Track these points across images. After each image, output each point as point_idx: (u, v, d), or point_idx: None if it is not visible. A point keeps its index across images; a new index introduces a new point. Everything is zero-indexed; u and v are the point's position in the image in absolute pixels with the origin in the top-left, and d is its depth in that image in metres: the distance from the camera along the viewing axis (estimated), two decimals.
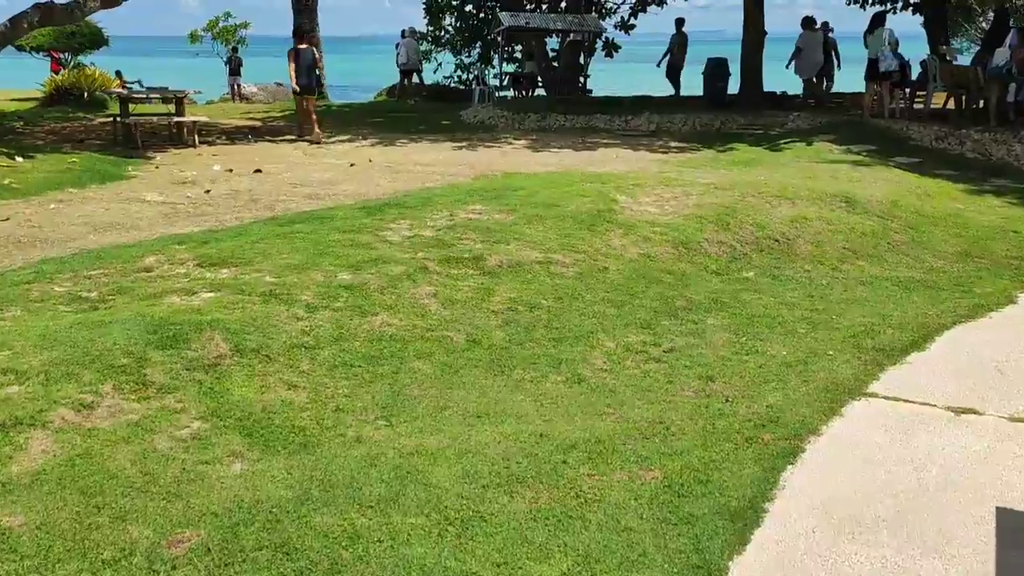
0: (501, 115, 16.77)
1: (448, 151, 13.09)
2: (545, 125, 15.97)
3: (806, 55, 16.44)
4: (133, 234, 7.41)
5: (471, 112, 17.91)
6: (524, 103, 18.00)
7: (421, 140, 14.41)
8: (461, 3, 26.75)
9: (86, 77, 18.58)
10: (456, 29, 27.12)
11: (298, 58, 14.22)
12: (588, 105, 17.77)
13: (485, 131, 15.89)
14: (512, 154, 12.76)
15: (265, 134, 15.43)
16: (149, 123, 13.24)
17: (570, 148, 13.39)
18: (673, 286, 6.13)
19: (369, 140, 14.39)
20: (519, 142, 14.11)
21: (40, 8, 10.79)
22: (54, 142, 13.55)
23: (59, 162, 10.35)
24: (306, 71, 14.26)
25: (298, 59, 14.21)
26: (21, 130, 15.23)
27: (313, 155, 12.57)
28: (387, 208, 7.82)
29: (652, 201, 8.49)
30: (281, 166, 11.41)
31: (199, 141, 13.73)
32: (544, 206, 7.84)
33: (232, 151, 12.98)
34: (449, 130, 16.14)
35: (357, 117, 18.16)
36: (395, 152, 12.96)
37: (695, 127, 15.25)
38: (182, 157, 12.19)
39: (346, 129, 16.18)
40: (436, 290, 5.54)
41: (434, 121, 17.44)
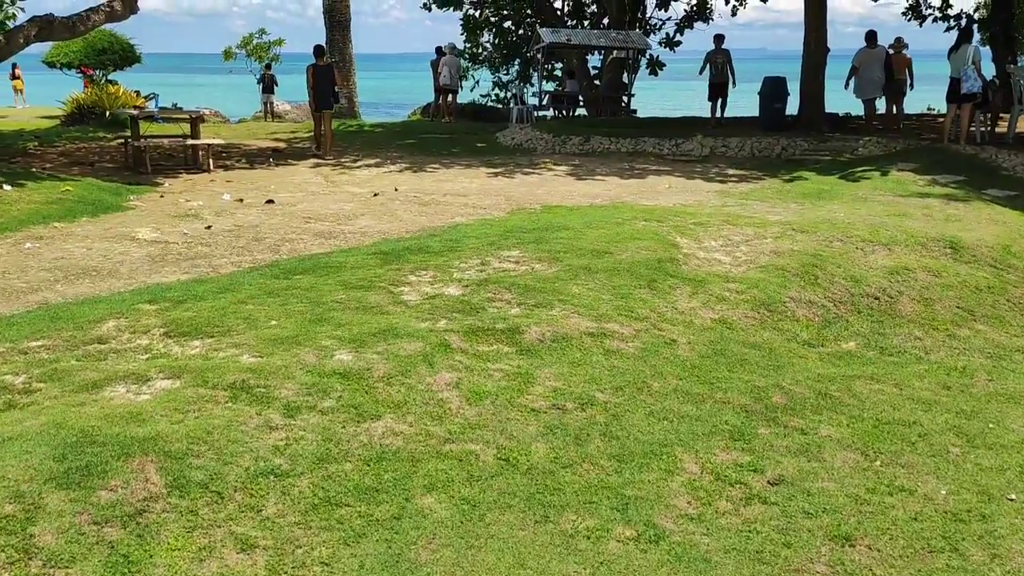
0: (540, 137, 15.49)
1: (483, 178, 11.84)
2: (588, 149, 14.65)
3: (864, 74, 14.95)
4: (108, 283, 6.23)
5: (508, 134, 16.67)
6: (565, 124, 16.71)
7: (453, 165, 13.17)
8: (499, 20, 25.67)
9: (108, 95, 17.68)
10: (494, 46, 26.03)
11: (316, 75, 14.22)
12: (634, 127, 16.43)
13: (523, 155, 14.62)
14: (552, 182, 11.46)
15: (288, 156, 14.32)
16: (161, 146, 12.17)
17: (616, 175, 12.06)
18: (763, 369, 4.76)
19: (397, 165, 13.19)
20: (560, 168, 12.81)
21: (38, 22, 9.79)
22: (63, 164, 12.56)
23: (52, 190, 9.27)
24: (324, 88, 14.21)
25: (316, 76, 14.21)
26: (34, 150, 14.30)
27: (334, 182, 11.39)
28: (407, 254, 6.56)
29: (720, 246, 7.13)
30: (297, 195, 10.24)
31: (216, 165, 12.64)
32: (593, 253, 6.52)
33: (248, 177, 11.85)
34: (485, 153, 14.90)
35: (388, 139, 17.00)
36: (424, 179, 11.73)
37: (753, 152, 13.83)
38: (192, 183, 11.08)
39: (375, 151, 15.02)
40: (459, 377, 4.24)
41: (469, 143, 16.21)
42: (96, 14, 10.38)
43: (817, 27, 15.07)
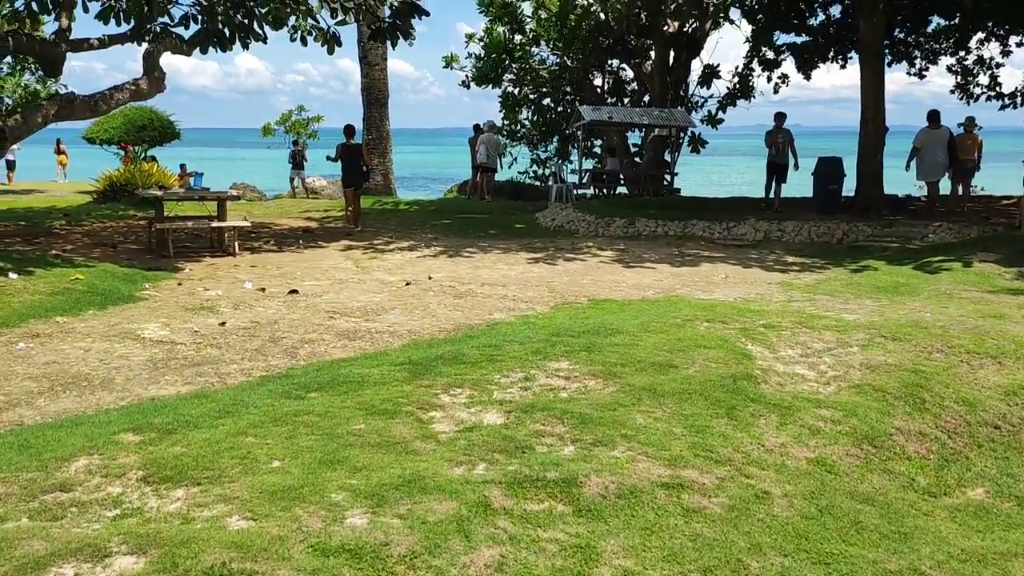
0: (582, 219, 14.71)
1: (522, 265, 11.01)
2: (634, 232, 13.82)
3: (927, 155, 14.08)
4: (98, 397, 5.40)
5: (548, 214, 15.93)
6: (608, 205, 15.94)
7: (491, 249, 12.39)
8: (538, 97, 25.29)
9: (141, 173, 17.33)
10: (533, 123, 25.60)
11: (345, 153, 14.68)
12: (681, 208, 15.60)
13: (565, 237, 13.83)
14: (598, 270, 10.60)
15: (319, 238, 13.66)
16: (185, 228, 11.57)
17: (666, 262, 11.17)
18: (886, 538, 3.74)
19: (432, 248, 12.44)
20: (605, 253, 11.97)
21: (58, 100, 9.31)
22: (86, 245, 12.00)
23: (61, 278, 8.59)
24: (352, 166, 14.69)
25: (345, 154, 14.67)
26: (59, 230, 13.81)
27: (365, 268, 10.63)
28: (439, 364, 5.66)
29: (799, 356, 6.15)
30: (324, 283, 9.47)
31: (243, 247, 12.00)
32: (655, 367, 5.58)
33: (275, 261, 11.15)
34: (524, 236, 14.14)
35: (423, 218, 16.35)
36: (460, 265, 10.94)
37: (811, 237, 12.89)
38: (214, 269, 10.39)
39: (409, 232, 14.34)
40: (503, 555, 3.29)
41: (507, 224, 15.49)
42: (120, 92, 9.90)
43: (875, 106, 14.27)
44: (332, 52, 11.97)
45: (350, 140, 14.97)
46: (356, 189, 14.91)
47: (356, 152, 14.87)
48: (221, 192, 11.73)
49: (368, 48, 21.12)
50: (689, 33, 22.83)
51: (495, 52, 23.60)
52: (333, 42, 11.84)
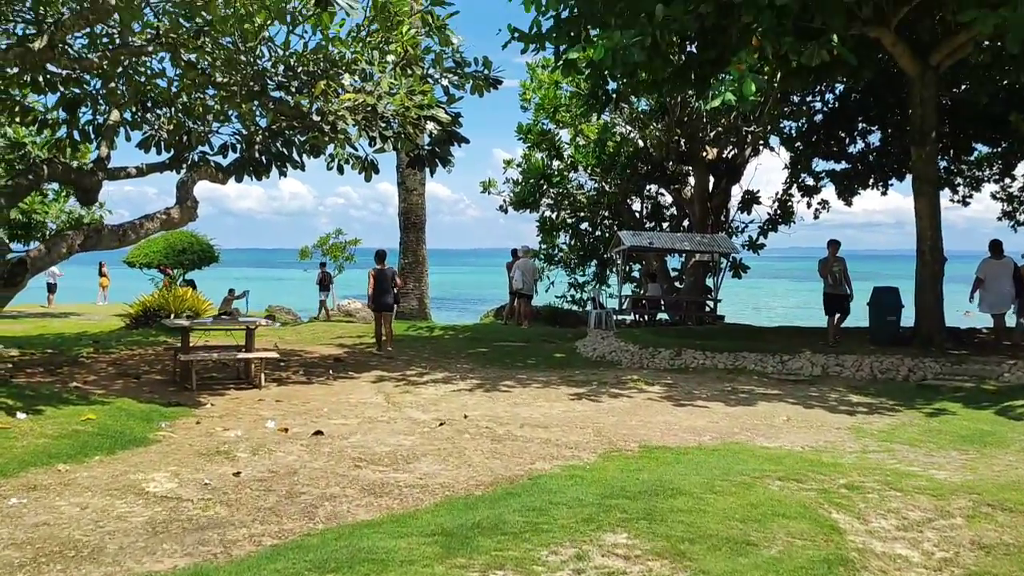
0: (625, 349, 13.98)
1: (564, 401, 10.25)
2: (681, 364, 13.03)
3: (991, 287, 13.31)
4: (83, 571, 4.67)
5: (589, 343, 15.23)
6: (652, 334, 15.22)
7: (530, 382, 11.66)
8: (576, 221, 25.09)
9: (175, 298, 17.06)
10: (570, 247, 25.31)
11: (377, 279, 15.03)
12: (729, 338, 14.84)
13: (608, 369, 13.08)
14: (647, 408, 9.78)
15: (350, 367, 13.05)
16: (210, 360, 11.04)
17: (719, 400, 10.33)
18: None
19: (468, 381, 11.75)
20: (652, 388, 11.17)
21: (85, 230, 9.00)
22: (108, 376, 11.49)
23: (72, 418, 7.99)
24: (383, 291, 15.01)
25: (377, 280, 15.02)
26: (86, 358, 13.38)
27: (396, 404, 9.93)
28: (476, 535, 4.87)
29: (896, 529, 5.26)
30: (351, 422, 8.77)
31: (270, 379, 11.43)
32: (729, 544, 4.73)
33: (302, 394, 10.51)
34: (564, 367, 13.42)
35: (458, 346, 15.74)
36: (498, 401, 10.20)
37: (874, 373, 11.99)
38: (238, 404, 9.76)
39: (444, 362, 13.70)
40: None
41: (546, 353, 14.80)
42: (151, 222, 9.61)
43: (932, 236, 13.61)
44: (369, 179, 11.71)
45: (381, 265, 15.26)
46: (387, 313, 15.16)
47: (389, 277, 15.18)
48: (249, 321, 11.24)
49: (406, 174, 21.13)
50: (729, 159, 22.65)
51: (533, 177, 23.58)
52: (370, 170, 11.60)
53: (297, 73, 10.65)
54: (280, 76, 10.61)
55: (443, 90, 11.57)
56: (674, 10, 11.71)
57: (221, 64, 10.95)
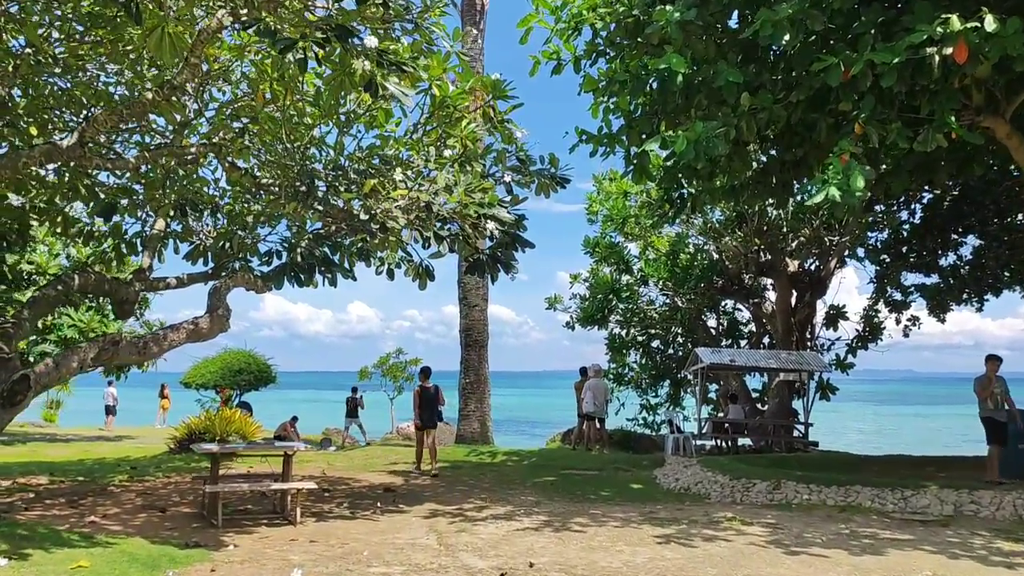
0: (713, 480, 12.16)
1: (650, 545, 8.49)
2: (781, 499, 11.14)
3: None
4: None
5: (671, 473, 13.42)
6: (741, 463, 13.35)
7: (607, 520, 9.93)
8: (647, 338, 23.54)
9: (221, 420, 15.89)
10: (641, 366, 23.67)
11: (421, 395, 14.93)
12: (831, 468, 12.90)
13: (694, 503, 11.26)
14: (753, 558, 7.97)
15: (401, 498, 11.51)
16: (239, 492, 9.68)
17: (840, 547, 8.45)
18: None
19: (533, 517, 10.07)
20: (752, 529, 9.33)
21: (100, 342, 7.95)
22: (133, 509, 10.22)
23: (61, 565, 6.64)
24: (428, 408, 14.83)
25: (421, 396, 14.91)
26: (116, 487, 12.17)
27: (449, 547, 8.32)
28: None
29: None
30: (394, 570, 7.20)
31: (309, 512, 9.99)
32: None
33: (342, 533, 8.99)
34: (644, 500, 11.64)
35: (523, 474, 14.07)
36: (569, 545, 8.50)
37: (1017, 512, 9.93)
38: (264, 545, 8.29)
39: (506, 493, 12.06)
40: None
41: (622, 484, 13.03)
42: (176, 332, 8.52)
43: None
44: (424, 287, 10.54)
45: (425, 383, 15.18)
46: (431, 430, 14.85)
47: (434, 395, 15.00)
48: (286, 445, 9.88)
49: (468, 289, 20.05)
50: (812, 271, 21.05)
51: (601, 292, 22.29)
52: (425, 276, 10.43)
53: (347, 171, 9.72)
54: (329, 174, 9.69)
55: (505, 189, 10.49)
56: (761, 99, 10.55)
57: (267, 164, 10.13)
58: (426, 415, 14.77)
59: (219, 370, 24.13)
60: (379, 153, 10.34)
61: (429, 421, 14.82)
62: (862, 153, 10.33)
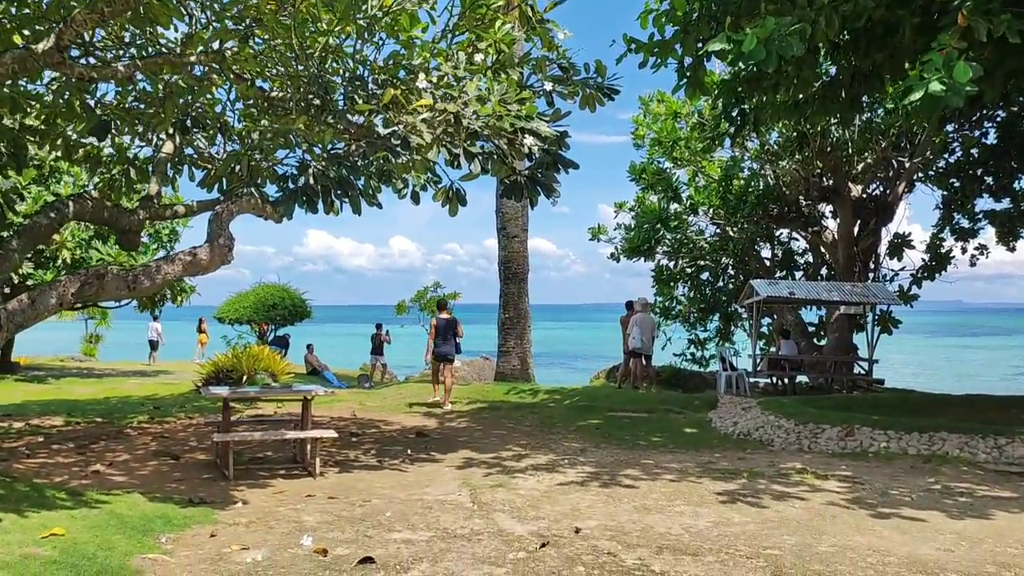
0: (776, 424, 10.98)
1: (712, 503, 7.38)
2: (855, 446, 9.93)
3: None
4: None
5: (727, 415, 12.26)
6: (804, 404, 12.11)
7: (661, 471, 8.83)
8: (696, 270, 22.14)
9: (248, 357, 15.05)
10: (689, 299, 22.34)
11: (436, 327, 14.75)
12: (908, 410, 11.62)
13: (757, 451, 10.12)
14: (835, 522, 6.81)
15: (434, 445, 10.55)
16: (250, 442, 8.74)
17: (935, 507, 7.25)
18: None
19: (579, 468, 9.01)
20: (828, 485, 8.16)
21: (82, 276, 6.94)
22: (143, 456, 9.39)
23: (32, 533, 5.72)
24: (443, 339, 14.66)
25: (436, 328, 14.74)
26: (134, 429, 11.41)
27: (484, 505, 7.30)
28: None
29: None
30: (420, 537, 6.19)
31: (332, 460, 9.07)
32: None
33: (364, 487, 8.03)
34: (700, 446, 10.52)
35: (566, 416, 13.03)
36: (620, 504, 7.42)
37: None
38: (278, 502, 7.35)
39: (548, 439, 11.03)
40: None
41: (674, 427, 11.92)
42: (171, 264, 7.46)
43: None
44: (455, 213, 9.32)
45: (443, 314, 15.06)
46: (448, 363, 14.78)
47: (450, 326, 14.79)
48: (305, 389, 8.87)
49: (506, 218, 18.82)
50: (878, 197, 19.37)
51: (647, 222, 20.87)
52: (456, 201, 9.20)
53: (365, 82, 8.46)
54: (347, 86, 8.44)
55: (546, 101, 9.14)
56: None
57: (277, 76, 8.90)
58: (441, 348, 14.64)
59: (253, 305, 23.39)
60: (403, 63, 9.05)
61: (445, 354, 14.68)
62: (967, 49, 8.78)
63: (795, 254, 22.17)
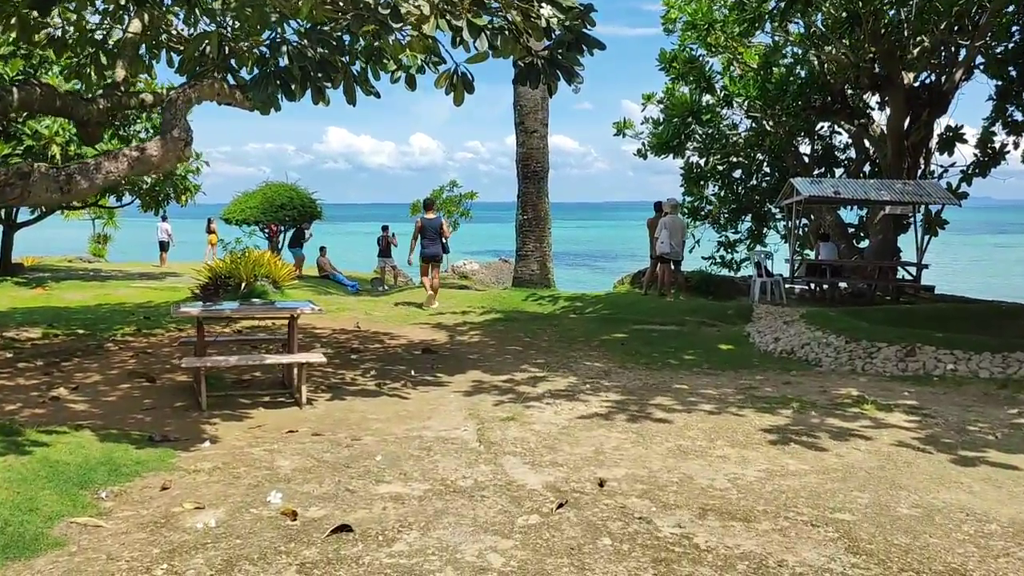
0: (823, 340, 9.75)
1: (761, 447, 6.21)
2: (917, 368, 8.71)
3: None
4: None
5: (767, 329, 11.03)
6: (853, 316, 10.83)
7: (697, 400, 7.66)
8: (727, 168, 20.54)
9: (247, 263, 13.92)
10: (720, 199, 20.82)
11: (423, 227, 14.34)
12: (972, 322, 10.33)
13: (801, 371, 8.93)
14: (911, 471, 5.63)
15: (442, 364, 9.46)
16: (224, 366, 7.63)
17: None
18: None
19: (602, 395, 7.87)
20: (893, 419, 6.97)
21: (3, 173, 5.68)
22: (115, 379, 8.37)
23: None
24: (430, 240, 14.34)
25: (423, 228, 14.33)
26: (115, 343, 10.39)
27: (492, 445, 6.18)
28: None
29: None
30: (413, 492, 5.10)
31: (323, 385, 8.00)
32: None
33: (356, 419, 6.96)
34: (739, 366, 9.35)
35: (588, 329, 11.87)
36: (652, 445, 6.28)
37: None
38: (252, 441, 6.29)
39: (568, 358, 9.88)
40: None
41: (708, 343, 10.74)
42: (114, 161, 6.16)
43: None
44: (460, 101, 7.90)
45: (429, 214, 14.69)
46: (435, 264, 14.56)
47: (435, 226, 14.45)
48: (290, 306, 7.70)
49: (525, 111, 17.24)
50: (932, 85, 17.49)
51: (678, 115, 19.16)
52: (462, 87, 7.76)
53: None
54: None
55: None
56: None
57: None
58: (429, 248, 14.35)
59: (259, 205, 22.17)
60: None
61: (429, 255, 14.38)
62: None
63: (836, 150, 20.46)
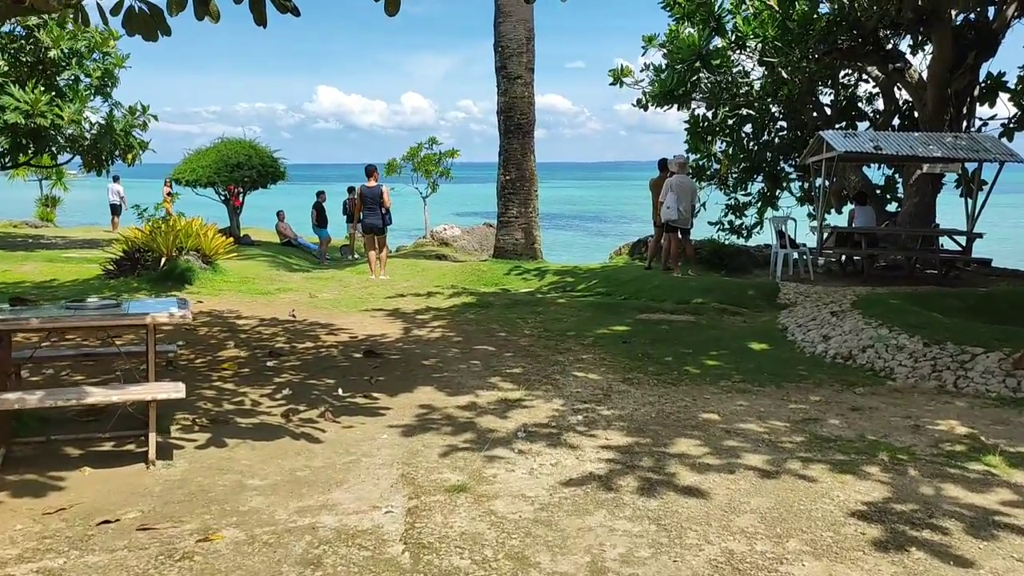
0: (890, 340, 7.26)
1: (857, 553, 3.75)
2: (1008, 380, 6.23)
3: None
4: None
5: (807, 322, 8.53)
6: (931, 310, 8.32)
7: (736, 447, 5.16)
8: (738, 122, 17.89)
9: (165, 235, 11.30)
10: (729, 156, 18.20)
11: (363, 196, 13.61)
12: None
13: (869, 386, 6.46)
14: None
15: (382, 376, 6.96)
16: (17, 407, 5.07)
17: None
18: None
19: (599, 438, 5.36)
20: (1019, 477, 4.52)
21: None
22: None
23: None
24: (370, 210, 13.53)
25: (363, 197, 13.61)
26: None
27: (426, 548, 3.71)
28: None
29: None
30: None
31: (207, 415, 5.50)
32: None
33: (224, 486, 4.44)
34: (781, 378, 6.86)
35: (579, 320, 9.37)
36: (682, 549, 3.80)
37: None
38: (17, 554, 3.80)
39: (552, 366, 7.38)
40: None
41: (735, 342, 8.24)
42: None
43: None
44: (394, 10, 5.33)
45: (370, 181, 13.70)
46: (377, 235, 13.64)
47: (376, 195, 13.51)
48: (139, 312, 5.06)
49: (507, 55, 14.57)
50: (979, 24, 14.81)
51: (683, 60, 16.45)
52: None
53: None
54: None
55: None
56: None
57: None
58: (368, 219, 13.50)
59: (212, 163, 19.44)
60: None
61: (371, 226, 13.52)
62: None
63: (859, 100, 17.81)
